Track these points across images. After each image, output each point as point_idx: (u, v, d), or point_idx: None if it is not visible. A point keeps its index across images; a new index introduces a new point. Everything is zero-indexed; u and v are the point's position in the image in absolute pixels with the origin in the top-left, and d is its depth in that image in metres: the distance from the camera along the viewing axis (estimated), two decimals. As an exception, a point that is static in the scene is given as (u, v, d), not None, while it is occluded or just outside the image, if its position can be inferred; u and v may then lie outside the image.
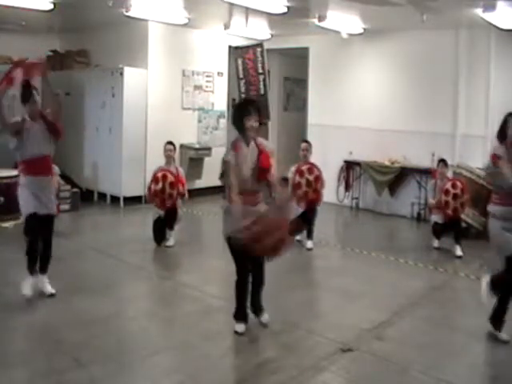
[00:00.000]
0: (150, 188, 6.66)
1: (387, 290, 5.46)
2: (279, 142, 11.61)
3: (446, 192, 6.64)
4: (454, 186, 6.67)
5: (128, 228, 8.09)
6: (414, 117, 8.90)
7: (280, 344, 4.08)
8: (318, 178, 6.78)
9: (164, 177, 6.55)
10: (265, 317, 4.38)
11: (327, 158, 8.82)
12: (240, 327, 4.25)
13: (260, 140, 4.25)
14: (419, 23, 7.33)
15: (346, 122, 9.68)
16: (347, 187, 9.68)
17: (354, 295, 5.23)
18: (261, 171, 4.13)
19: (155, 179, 6.59)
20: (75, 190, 8.79)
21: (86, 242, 6.89)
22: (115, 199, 9.18)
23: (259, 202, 4.22)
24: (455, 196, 6.61)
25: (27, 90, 4.71)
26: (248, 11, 7.72)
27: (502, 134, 4.17)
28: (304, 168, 6.77)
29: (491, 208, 4.22)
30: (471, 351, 4.11)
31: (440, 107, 8.65)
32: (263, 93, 9.92)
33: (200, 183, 9.89)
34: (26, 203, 4.69)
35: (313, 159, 6.99)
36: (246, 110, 4.16)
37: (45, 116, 4.74)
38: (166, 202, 6.58)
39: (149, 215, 7.16)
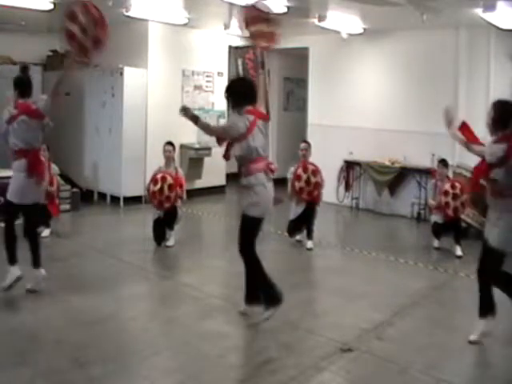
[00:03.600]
0: (148, 189, 6.66)
1: (387, 289, 5.46)
2: (279, 142, 11.62)
3: (446, 193, 6.65)
4: (453, 186, 6.68)
5: (128, 228, 8.09)
6: (414, 117, 8.90)
7: (280, 344, 4.08)
8: (318, 184, 6.78)
9: (163, 178, 6.53)
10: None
11: (327, 158, 8.81)
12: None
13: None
14: (419, 23, 7.33)
15: (345, 122, 9.68)
16: (347, 187, 9.68)
17: (354, 295, 5.23)
18: None
19: (154, 180, 6.58)
20: (75, 189, 8.79)
21: (86, 242, 6.89)
22: (115, 199, 9.18)
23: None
24: (455, 196, 6.62)
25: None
26: (248, 11, 7.71)
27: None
28: (310, 166, 6.80)
29: None
30: (471, 351, 4.11)
31: (440, 107, 8.52)
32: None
33: (200, 183, 9.90)
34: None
35: (312, 159, 7.01)
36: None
37: None
38: (163, 204, 6.57)
39: (149, 215, 7.16)
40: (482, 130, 8.07)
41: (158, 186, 6.51)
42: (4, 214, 4.88)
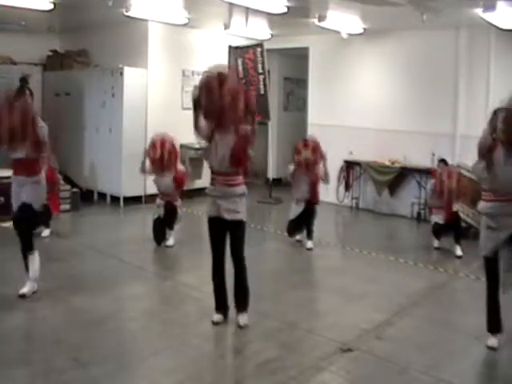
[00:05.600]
0: (148, 154, 6.66)
1: (387, 289, 5.45)
2: (279, 141, 11.62)
3: (441, 182, 6.67)
4: (449, 175, 6.68)
5: (128, 228, 8.10)
6: (414, 117, 8.90)
7: (280, 344, 4.08)
8: (317, 159, 6.79)
9: (162, 145, 6.54)
10: (242, 318, 4.32)
11: (327, 158, 8.82)
12: (216, 317, 4.37)
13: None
14: (419, 23, 7.33)
15: (346, 122, 9.68)
16: (347, 187, 9.68)
17: (354, 295, 5.23)
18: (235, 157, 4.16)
19: (153, 147, 6.58)
20: (75, 189, 8.79)
21: (85, 242, 6.89)
22: (115, 199, 9.18)
23: (237, 184, 4.27)
24: (450, 181, 6.62)
25: (20, 90, 4.61)
26: (248, 11, 7.72)
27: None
28: (310, 143, 6.83)
29: (479, 205, 4.19)
30: (471, 351, 4.11)
31: (440, 107, 8.65)
32: (263, 93, 9.91)
33: (200, 183, 9.88)
34: (13, 202, 4.79)
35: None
36: None
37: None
38: (164, 170, 6.60)
39: (149, 215, 7.16)
40: (481, 130, 8.08)
41: (158, 152, 6.52)
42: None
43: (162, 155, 6.51)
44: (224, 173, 4.23)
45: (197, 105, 4.17)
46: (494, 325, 4.07)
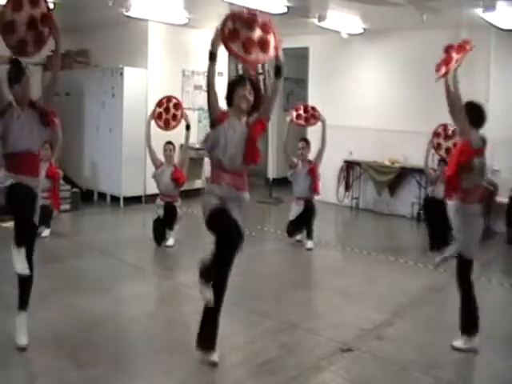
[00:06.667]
0: (153, 111, 6.90)
1: (387, 289, 5.46)
2: (279, 142, 11.60)
3: (438, 134, 6.77)
4: (445, 128, 6.76)
5: (128, 228, 8.10)
6: (414, 117, 8.89)
7: (280, 344, 4.08)
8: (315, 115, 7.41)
9: (168, 99, 6.89)
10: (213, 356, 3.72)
11: (327, 158, 8.80)
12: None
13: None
14: (419, 23, 7.33)
15: (346, 121, 9.67)
16: (347, 187, 9.69)
17: (353, 295, 5.23)
18: (249, 155, 3.63)
19: (160, 103, 6.88)
20: (75, 189, 8.80)
21: (85, 242, 6.89)
22: (115, 199, 9.18)
23: (244, 188, 3.72)
24: (446, 137, 6.70)
25: (19, 68, 3.92)
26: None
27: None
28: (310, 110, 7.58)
29: None
30: (471, 351, 4.10)
31: (440, 107, 8.58)
32: (263, 93, 9.91)
33: (200, 183, 9.89)
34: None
35: (311, 158, 7.11)
36: (239, 79, 3.86)
37: (35, 103, 3.93)
38: (170, 123, 6.82)
39: (149, 215, 7.16)
40: (481, 130, 8.05)
41: (164, 105, 6.82)
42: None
43: (167, 108, 6.83)
44: (235, 171, 3.63)
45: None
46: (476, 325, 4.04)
